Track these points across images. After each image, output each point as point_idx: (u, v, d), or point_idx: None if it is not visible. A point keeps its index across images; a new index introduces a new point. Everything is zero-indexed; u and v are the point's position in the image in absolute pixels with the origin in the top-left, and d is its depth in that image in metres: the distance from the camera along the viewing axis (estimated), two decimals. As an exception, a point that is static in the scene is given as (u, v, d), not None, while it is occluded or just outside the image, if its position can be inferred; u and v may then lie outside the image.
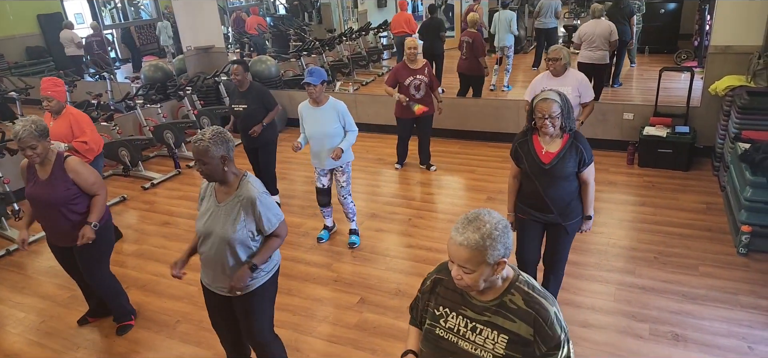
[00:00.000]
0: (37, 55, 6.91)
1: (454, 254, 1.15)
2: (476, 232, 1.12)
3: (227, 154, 1.80)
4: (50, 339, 2.78)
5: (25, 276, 3.46)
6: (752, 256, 2.97)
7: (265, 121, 3.70)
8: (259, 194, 1.85)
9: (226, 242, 1.85)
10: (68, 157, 2.37)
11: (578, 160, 2.13)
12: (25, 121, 2.23)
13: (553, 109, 2.02)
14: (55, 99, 3.08)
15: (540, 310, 1.17)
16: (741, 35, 3.98)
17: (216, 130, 1.80)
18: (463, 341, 1.22)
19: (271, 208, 1.89)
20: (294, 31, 8.05)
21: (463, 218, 1.17)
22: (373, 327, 2.66)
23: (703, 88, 4.26)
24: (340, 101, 3.12)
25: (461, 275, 1.15)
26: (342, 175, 3.25)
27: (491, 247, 1.11)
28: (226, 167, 1.81)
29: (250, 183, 1.86)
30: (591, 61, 5.16)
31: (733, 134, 3.54)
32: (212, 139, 1.76)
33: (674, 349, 2.35)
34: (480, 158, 4.87)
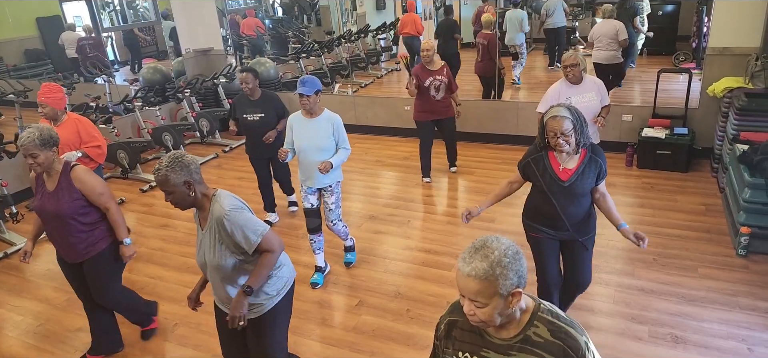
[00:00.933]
0: (36, 58, 6.90)
1: (463, 287, 1.06)
2: (484, 260, 1.03)
3: (190, 178, 1.67)
4: (47, 342, 2.77)
5: (23, 279, 3.45)
6: (751, 257, 2.97)
7: (279, 128, 3.52)
8: (226, 212, 1.67)
9: (218, 269, 1.73)
10: (75, 167, 2.24)
11: (597, 173, 2.05)
12: (31, 129, 2.13)
13: (565, 126, 1.93)
14: (49, 106, 2.96)
15: (568, 340, 1.08)
16: (739, 37, 3.99)
17: (173, 157, 1.67)
18: None
19: (247, 223, 1.69)
20: (293, 34, 8.05)
21: (470, 247, 1.07)
22: (372, 330, 2.65)
23: (702, 89, 4.27)
24: (336, 115, 2.84)
25: (473, 309, 1.06)
26: (330, 196, 2.91)
27: (502, 275, 1.03)
28: (192, 192, 1.68)
29: (218, 202, 1.70)
30: (607, 61, 5.15)
31: (732, 136, 3.55)
32: (169, 167, 1.64)
33: (673, 351, 2.35)
34: (479, 160, 4.87)
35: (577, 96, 3.04)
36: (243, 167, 5.25)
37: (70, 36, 6.77)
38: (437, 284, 2.99)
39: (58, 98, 3.05)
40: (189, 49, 6.47)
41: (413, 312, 2.76)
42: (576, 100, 3.00)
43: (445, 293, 2.89)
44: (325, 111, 2.86)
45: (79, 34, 6.82)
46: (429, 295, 2.90)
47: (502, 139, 5.18)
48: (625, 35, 5.11)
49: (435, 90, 4.08)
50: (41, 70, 6.76)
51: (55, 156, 2.20)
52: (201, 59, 6.53)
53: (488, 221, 3.68)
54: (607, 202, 2.15)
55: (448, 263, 3.20)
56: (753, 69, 3.75)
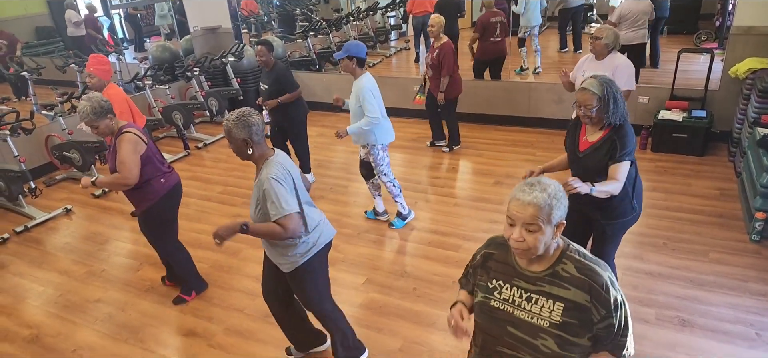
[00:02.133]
0: (47, 35, 6.96)
1: (520, 213, 1.17)
2: (543, 192, 1.17)
3: (249, 138, 1.82)
4: (68, 312, 2.89)
5: (43, 252, 3.58)
6: (764, 243, 2.92)
7: (282, 100, 3.70)
8: (268, 177, 1.81)
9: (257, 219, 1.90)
10: (124, 133, 2.43)
11: (610, 151, 1.95)
12: (85, 102, 2.36)
13: (590, 101, 1.91)
14: (97, 76, 3.16)
15: (594, 276, 1.20)
16: (765, 16, 3.82)
17: (240, 113, 1.83)
18: (518, 310, 1.26)
19: (280, 196, 1.80)
20: (300, 12, 7.95)
21: (524, 184, 1.20)
22: (379, 307, 2.70)
23: (723, 70, 4.13)
24: (366, 81, 2.98)
25: (524, 236, 1.17)
26: (369, 156, 3.21)
27: (556, 207, 1.17)
28: (249, 150, 1.85)
29: (270, 165, 1.84)
30: (631, 41, 4.76)
31: (752, 119, 3.44)
32: (235, 122, 1.81)
33: (680, 334, 2.35)
34: (488, 142, 4.83)
35: (591, 71, 3.00)
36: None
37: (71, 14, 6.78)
38: (443, 264, 3.02)
39: (106, 70, 3.23)
40: (197, 27, 6.45)
41: (420, 290, 2.80)
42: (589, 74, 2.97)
43: (450, 273, 2.92)
44: (362, 76, 3.03)
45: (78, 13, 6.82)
46: (435, 274, 2.93)
47: (513, 121, 5.11)
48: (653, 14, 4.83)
49: (427, 66, 4.24)
50: (52, 48, 6.82)
51: (112, 122, 2.43)
52: (209, 37, 6.50)
53: (497, 203, 3.68)
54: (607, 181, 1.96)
55: (455, 243, 3.22)
56: (778, 49, 3.61)
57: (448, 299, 2.70)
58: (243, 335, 2.59)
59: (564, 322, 1.20)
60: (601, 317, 1.18)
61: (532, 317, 1.23)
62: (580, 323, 1.19)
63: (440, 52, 4.08)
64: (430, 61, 4.14)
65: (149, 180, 2.51)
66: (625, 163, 1.97)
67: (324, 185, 4.20)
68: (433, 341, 2.44)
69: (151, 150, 2.54)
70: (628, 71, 3.03)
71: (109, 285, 3.09)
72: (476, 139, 4.90)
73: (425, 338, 2.47)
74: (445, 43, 4.09)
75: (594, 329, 1.20)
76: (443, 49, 4.07)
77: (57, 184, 4.71)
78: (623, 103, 1.98)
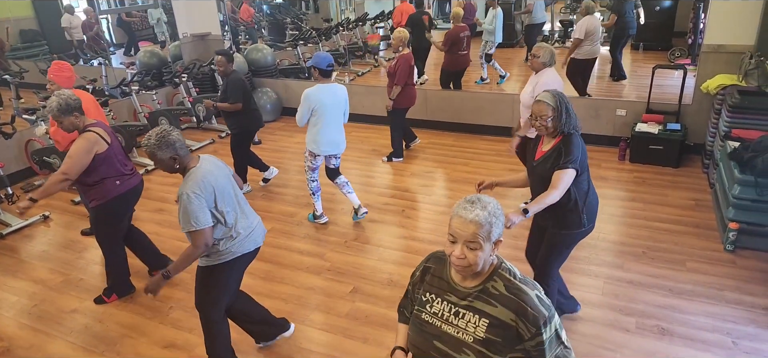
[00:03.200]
0: (32, 39, 6.81)
1: (461, 231, 1.19)
2: (484, 209, 1.19)
3: (176, 154, 1.90)
4: (42, 323, 2.79)
5: (18, 260, 3.46)
6: (739, 253, 3.03)
7: (216, 104, 3.88)
8: (184, 192, 1.87)
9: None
10: (85, 131, 2.48)
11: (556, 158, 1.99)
12: (53, 98, 2.39)
13: (544, 111, 2.02)
14: (57, 83, 3.11)
15: (520, 295, 1.22)
16: (734, 35, 4.01)
17: (159, 134, 1.88)
18: (446, 325, 1.28)
19: (190, 212, 1.86)
20: (290, 20, 7.99)
21: (464, 201, 1.22)
22: (365, 316, 2.69)
23: (696, 86, 4.30)
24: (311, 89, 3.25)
25: (465, 253, 1.19)
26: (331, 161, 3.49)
27: (496, 224, 1.20)
28: (176, 165, 1.92)
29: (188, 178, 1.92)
30: (592, 55, 5.13)
31: (724, 132, 3.59)
32: (157, 145, 1.87)
33: (659, 343, 2.40)
34: (473, 151, 4.90)
35: (528, 85, 3.31)
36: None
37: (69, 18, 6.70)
38: (430, 272, 3.04)
39: (65, 76, 3.17)
40: (186, 34, 6.41)
41: (406, 300, 2.80)
42: (527, 88, 3.30)
43: (437, 282, 2.93)
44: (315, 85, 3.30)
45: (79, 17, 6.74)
46: (422, 283, 2.94)
47: (498, 131, 5.20)
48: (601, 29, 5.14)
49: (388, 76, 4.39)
50: (37, 51, 6.68)
51: (77, 119, 2.46)
52: (198, 44, 6.47)
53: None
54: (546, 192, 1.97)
55: (442, 252, 3.24)
56: (747, 67, 3.78)
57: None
58: (226, 345, 2.54)
59: (487, 338, 1.21)
60: (531, 335, 1.19)
61: (458, 332, 1.25)
62: (503, 340, 1.20)
63: (397, 62, 4.23)
64: (389, 69, 4.32)
65: (103, 179, 2.56)
66: (568, 171, 1.96)
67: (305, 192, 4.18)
68: (418, 349, 2.44)
69: (113, 150, 2.58)
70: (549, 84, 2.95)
71: (86, 295, 3.00)
72: (462, 148, 4.97)
73: (411, 346, 2.47)
74: (404, 54, 4.24)
75: (525, 346, 1.20)
76: (400, 60, 4.23)
77: (35, 190, 4.56)
78: (575, 115, 2.07)
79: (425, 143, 5.09)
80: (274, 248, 3.35)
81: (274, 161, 4.99)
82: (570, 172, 1.98)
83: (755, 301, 2.63)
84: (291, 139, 5.56)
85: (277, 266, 3.17)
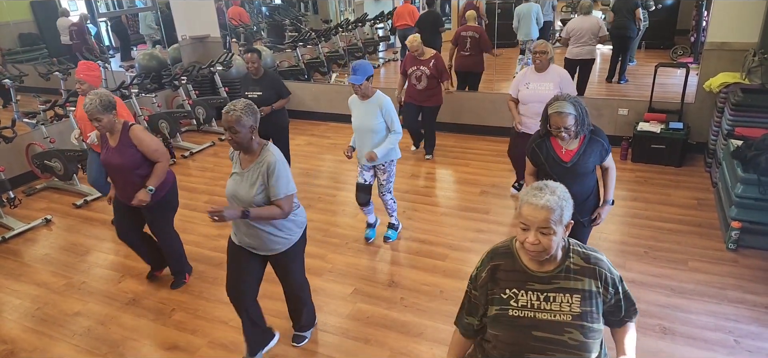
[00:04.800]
0: (31, 43, 6.83)
1: (534, 218, 1.21)
2: (553, 194, 1.23)
3: (255, 124, 1.98)
4: (46, 326, 2.80)
5: (21, 264, 3.47)
6: (741, 252, 3.01)
7: (275, 106, 3.77)
8: (276, 161, 2.00)
9: (248, 204, 2.01)
10: (133, 126, 2.59)
11: (600, 152, 2.20)
12: (93, 95, 2.46)
13: (568, 122, 2.06)
14: (87, 82, 3.16)
15: (599, 263, 1.31)
16: (737, 32, 3.99)
17: (247, 102, 1.98)
18: (540, 313, 1.29)
19: (284, 178, 2.01)
20: (290, 22, 7.98)
21: (532, 188, 1.26)
22: (366, 317, 2.69)
23: (698, 84, 4.29)
24: (386, 97, 2.98)
25: (539, 239, 1.22)
26: (383, 174, 3.13)
27: (566, 207, 1.24)
28: (253, 137, 1.99)
29: (270, 151, 2.03)
30: (579, 56, 5.02)
31: (726, 131, 3.57)
32: (244, 110, 1.94)
33: (662, 342, 2.40)
34: (475, 152, 4.89)
35: (535, 83, 3.26)
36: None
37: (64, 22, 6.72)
38: (431, 273, 3.03)
39: (96, 76, 3.27)
40: (185, 36, 6.42)
41: (407, 301, 2.80)
42: (533, 86, 3.26)
43: (438, 283, 2.93)
44: (377, 93, 3.00)
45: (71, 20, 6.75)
46: (423, 284, 2.93)
47: (500, 132, 5.19)
48: (605, 31, 5.00)
49: (416, 79, 4.31)
50: (36, 55, 6.70)
51: (115, 118, 2.55)
52: (197, 47, 6.48)
53: (483, 212, 3.72)
54: (608, 175, 2.32)
55: (442, 253, 3.23)
56: (750, 65, 3.77)
57: (436, 309, 2.71)
58: (228, 348, 2.55)
59: (583, 312, 1.27)
60: (611, 295, 1.31)
61: (555, 316, 1.28)
62: (595, 308, 1.28)
63: (435, 62, 4.26)
64: (430, 72, 4.27)
65: None
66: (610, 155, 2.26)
67: (312, 194, 4.19)
68: (420, 351, 2.44)
69: None
70: (569, 78, 3.35)
71: (89, 298, 3.01)
72: (463, 149, 4.97)
73: (412, 348, 2.47)
74: (434, 53, 4.28)
75: (606, 309, 1.31)
76: (437, 59, 4.27)
77: (37, 193, 4.59)
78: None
79: (426, 143, 5.08)
80: (275, 250, 3.35)
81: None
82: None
83: (758, 300, 2.62)
84: (292, 141, 5.52)
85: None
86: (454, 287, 2.87)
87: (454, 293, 2.83)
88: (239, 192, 2.04)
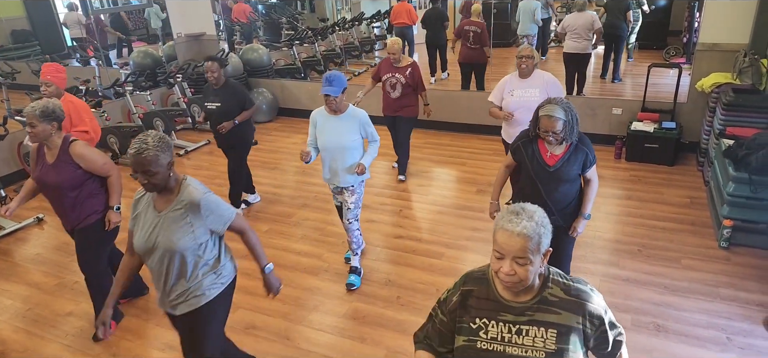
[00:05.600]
0: (23, 39, 6.75)
1: (510, 246, 1.10)
2: (530, 220, 1.11)
3: (172, 159, 1.70)
4: (37, 326, 2.76)
5: (11, 263, 3.42)
6: (733, 250, 3.05)
7: (239, 120, 3.47)
8: (202, 195, 1.71)
9: (172, 253, 1.69)
10: (74, 141, 2.36)
11: (583, 161, 2.15)
12: (38, 102, 2.27)
13: (557, 127, 2.03)
14: (54, 84, 3.03)
15: (581, 295, 1.19)
16: (728, 33, 4.04)
17: (159, 136, 1.67)
18: (510, 347, 1.18)
19: (219, 205, 1.76)
20: (286, 20, 7.96)
21: (509, 212, 1.14)
22: (363, 316, 2.69)
23: (691, 84, 4.33)
24: (361, 111, 2.70)
25: (515, 269, 1.11)
26: (351, 196, 2.76)
27: (545, 234, 1.12)
28: (171, 173, 1.70)
29: (190, 186, 1.74)
30: (575, 51, 5.29)
31: (718, 130, 3.61)
32: (158, 146, 1.62)
33: (655, 339, 2.42)
34: (470, 151, 4.91)
35: (520, 89, 3.02)
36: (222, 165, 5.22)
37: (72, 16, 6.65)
38: (427, 272, 3.04)
39: (62, 78, 3.13)
40: (180, 34, 6.37)
41: (403, 299, 2.80)
42: (518, 93, 3.01)
43: (434, 281, 2.94)
44: (350, 107, 2.69)
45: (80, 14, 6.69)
46: (419, 282, 2.94)
47: (494, 130, 5.20)
48: (599, 25, 5.24)
49: (390, 87, 3.96)
50: (29, 52, 6.62)
51: (53, 130, 2.30)
52: (193, 44, 6.43)
53: (479, 211, 3.73)
54: (590, 187, 2.25)
55: (438, 251, 3.24)
56: (741, 65, 3.81)
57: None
58: (223, 346, 2.53)
59: (559, 349, 1.15)
60: (595, 327, 1.19)
61: (526, 351, 1.16)
62: (573, 346, 1.16)
63: (413, 70, 3.92)
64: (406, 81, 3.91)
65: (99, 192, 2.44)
66: (595, 165, 2.21)
67: (308, 193, 4.18)
68: (416, 349, 2.45)
69: None
70: (556, 82, 3.06)
71: (81, 297, 2.98)
72: (459, 147, 4.98)
73: (409, 346, 2.47)
74: (411, 64, 3.94)
75: (590, 342, 1.20)
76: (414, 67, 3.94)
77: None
78: None
79: (422, 143, 5.09)
80: (271, 249, 3.34)
81: (271, 162, 4.99)
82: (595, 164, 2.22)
83: (749, 297, 2.65)
84: (288, 139, 5.54)
85: (274, 266, 3.16)
86: (450, 285, 2.88)
87: (450, 292, 2.84)
88: (159, 240, 1.69)
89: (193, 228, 1.71)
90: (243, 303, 2.83)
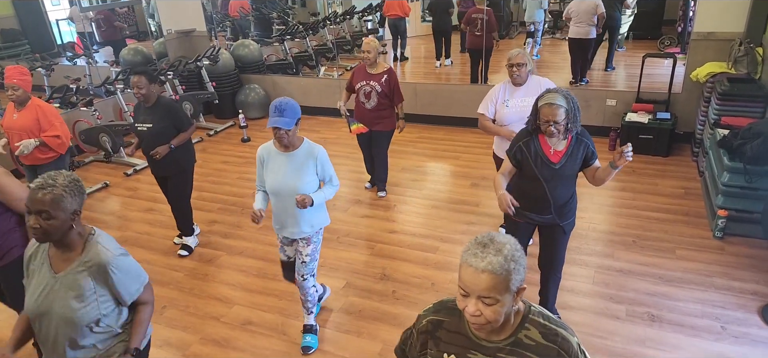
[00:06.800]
0: (12, 39, 6.65)
1: (473, 284, 0.97)
2: (498, 254, 0.97)
3: (79, 209, 1.41)
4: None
5: None
6: (727, 239, 3.06)
7: (174, 143, 2.96)
8: (112, 258, 1.44)
9: (68, 323, 1.41)
10: None
11: (585, 154, 2.08)
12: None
13: (559, 116, 1.92)
14: (21, 88, 2.90)
15: (563, 343, 1.05)
16: (723, 22, 4.03)
17: (72, 177, 1.40)
18: None
19: (130, 271, 1.49)
20: (277, 15, 7.88)
21: (475, 243, 1.01)
22: (358, 311, 2.69)
23: (685, 74, 4.33)
24: (319, 147, 2.17)
25: (480, 310, 0.98)
26: (306, 247, 2.25)
27: (515, 270, 0.98)
28: (74, 225, 1.41)
29: (98, 244, 1.44)
30: (578, 36, 5.45)
31: (713, 120, 3.61)
32: (67, 188, 1.36)
33: (650, 329, 2.43)
34: (465, 145, 4.89)
35: (515, 99, 2.71)
36: (228, 151, 5.18)
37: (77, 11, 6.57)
38: (422, 266, 3.03)
39: (28, 81, 2.98)
40: (171, 30, 6.30)
41: (399, 293, 2.80)
42: (514, 103, 2.71)
43: (430, 275, 2.93)
44: (305, 142, 2.16)
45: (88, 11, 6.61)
46: (414, 276, 2.93)
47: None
48: (602, 10, 5.33)
49: (364, 97, 3.49)
50: (18, 51, 6.53)
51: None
52: (183, 41, 6.36)
53: (473, 205, 3.72)
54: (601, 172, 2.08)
55: (433, 246, 3.23)
56: (736, 54, 3.81)
57: (428, 302, 2.68)
58: (219, 344, 2.52)
59: None
60: None
61: None
62: None
63: (389, 77, 3.47)
64: (382, 89, 3.47)
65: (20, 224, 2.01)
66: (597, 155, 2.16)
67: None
68: (412, 344, 2.44)
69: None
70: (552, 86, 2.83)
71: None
72: (453, 142, 4.96)
73: (404, 341, 2.47)
74: (388, 70, 3.49)
75: None
76: (391, 74, 3.49)
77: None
78: None
79: (415, 137, 5.08)
80: (266, 246, 3.32)
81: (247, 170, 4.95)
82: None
83: (744, 286, 2.66)
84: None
85: (270, 263, 3.15)
86: (445, 279, 2.88)
87: (446, 285, 2.84)
88: (52, 306, 1.41)
89: (97, 296, 1.43)
90: (239, 299, 2.82)
